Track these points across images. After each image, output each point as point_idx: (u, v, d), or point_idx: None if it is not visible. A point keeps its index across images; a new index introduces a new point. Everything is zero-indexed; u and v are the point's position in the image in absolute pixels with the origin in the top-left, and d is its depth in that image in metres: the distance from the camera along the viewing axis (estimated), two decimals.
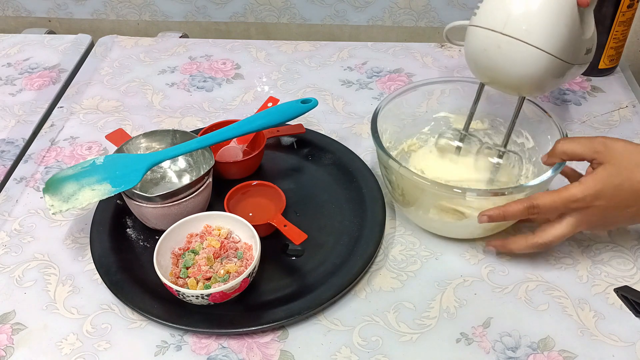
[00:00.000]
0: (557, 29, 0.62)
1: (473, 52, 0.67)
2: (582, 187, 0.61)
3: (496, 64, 0.65)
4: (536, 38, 0.62)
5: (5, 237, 0.75)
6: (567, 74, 0.66)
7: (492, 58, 0.64)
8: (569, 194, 0.61)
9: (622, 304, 0.65)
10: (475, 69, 0.69)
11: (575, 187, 0.61)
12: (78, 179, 0.68)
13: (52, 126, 0.91)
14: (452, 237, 0.72)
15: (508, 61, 0.64)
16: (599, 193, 0.60)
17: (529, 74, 0.64)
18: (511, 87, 0.68)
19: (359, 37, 1.21)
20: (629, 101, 0.93)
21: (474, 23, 0.65)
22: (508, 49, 0.63)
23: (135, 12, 1.22)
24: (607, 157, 0.60)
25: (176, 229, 0.69)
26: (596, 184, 0.60)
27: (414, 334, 0.63)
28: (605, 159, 0.60)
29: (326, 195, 0.78)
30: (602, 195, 0.60)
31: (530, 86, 0.66)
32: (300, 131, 0.85)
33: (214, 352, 0.63)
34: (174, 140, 0.76)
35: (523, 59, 0.63)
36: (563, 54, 0.63)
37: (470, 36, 0.66)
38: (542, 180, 0.64)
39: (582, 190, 0.60)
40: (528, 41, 0.62)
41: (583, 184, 0.61)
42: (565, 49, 0.63)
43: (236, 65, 1.03)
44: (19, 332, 0.64)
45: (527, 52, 0.62)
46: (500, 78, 0.66)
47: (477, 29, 0.65)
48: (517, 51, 0.62)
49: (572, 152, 0.63)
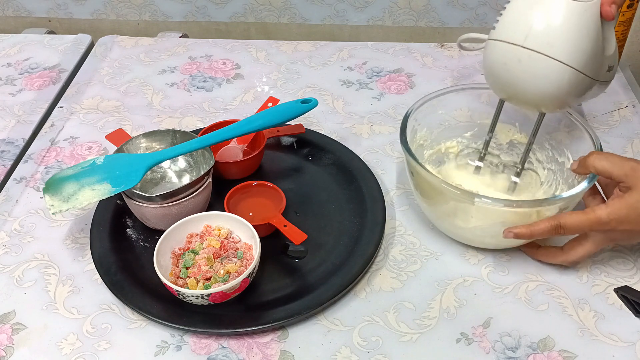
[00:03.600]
0: (580, 42, 0.60)
1: (492, 67, 0.65)
2: (608, 211, 0.61)
3: (517, 79, 0.63)
4: (559, 51, 0.60)
5: (5, 237, 0.75)
6: (589, 91, 0.65)
7: (513, 72, 0.63)
8: (596, 217, 0.61)
9: (622, 304, 0.65)
10: (494, 84, 0.67)
11: (602, 209, 0.61)
12: (78, 179, 0.68)
13: (52, 126, 0.91)
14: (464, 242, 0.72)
15: (529, 76, 0.62)
16: (624, 218, 0.60)
17: (551, 88, 0.62)
18: (531, 102, 0.66)
19: (359, 37, 1.21)
20: (629, 101, 0.93)
21: (493, 37, 0.64)
22: (529, 63, 0.61)
23: (135, 12, 1.22)
24: (635, 183, 0.60)
25: (176, 229, 0.69)
26: (621, 208, 0.60)
27: (414, 334, 0.63)
28: (633, 184, 0.60)
29: (326, 195, 0.78)
30: (627, 221, 0.61)
31: (552, 102, 0.64)
32: (300, 131, 0.85)
33: (214, 352, 0.63)
34: (174, 140, 0.76)
35: (545, 73, 0.61)
36: (586, 68, 0.61)
37: (489, 50, 0.64)
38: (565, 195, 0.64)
39: (608, 214, 0.61)
40: (550, 54, 0.60)
41: (610, 207, 0.61)
42: (588, 64, 0.61)
43: (236, 65, 1.03)
44: (19, 332, 0.64)
45: (549, 66, 0.60)
46: (520, 93, 0.65)
47: (497, 43, 0.63)
48: (538, 65, 0.61)
49: (603, 170, 0.62)
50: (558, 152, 0.75)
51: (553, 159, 0.75)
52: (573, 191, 0.63)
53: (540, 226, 0.63)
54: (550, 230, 0.63)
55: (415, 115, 0.74)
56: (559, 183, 0.73)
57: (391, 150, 0.86)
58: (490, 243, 0.70)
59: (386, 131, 0.89)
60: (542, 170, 0.76)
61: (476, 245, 0.71)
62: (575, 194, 0.63)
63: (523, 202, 0.65)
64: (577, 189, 0.63)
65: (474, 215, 0.66)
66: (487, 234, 0.68)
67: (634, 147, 0.85)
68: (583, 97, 0.66)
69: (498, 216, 0.65)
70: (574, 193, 0.63)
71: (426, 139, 0.77)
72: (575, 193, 0.63)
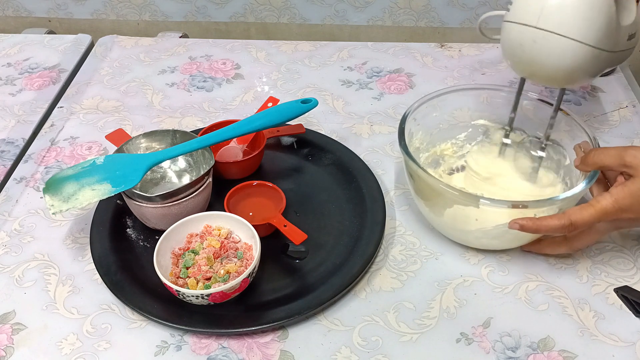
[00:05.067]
0: (593, 18, 0.60)
1: (509, 48, 0.66)
2: (612, 201, 0.61)
3: (533, 59, 0.64)
4: (571, 30, 0.60)
5: (5, 237, 0.75)
6: (609, 62, 0.65)
7: (529, 53, 0.64)
8: (602, 208, 0.61)
9: (622, 304, 0.65)
10: (513, 64, 0.68)
11: (607, 200, 0.61)
12: (78, 179, 0.68)
13: (52, 126, 0.91)
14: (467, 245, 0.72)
15: (545, 55, 0.63)
16: (629, 207, 0.61)
17: (568, 66, 0.63)
18: (551, 80, 0.67)
19: (359, 37, 1.21)
20: (629, 101, 0.93)
21: (508, 19, 0.65)
22: (544, 43, 0.62)
23: (135, 12, 1.22)
24: (637, 171, 0.60)
25: (176, 229, 0.69)
26: (625, 197, 0.60)
27: (414, 334, 0.63)
28: (635, 172, 0.60)
29: (326, 195, 0.78)
30: (631, 209, 0.61)
31: (570, 78, 0.65)
32: (300, 131, 0.85)
33: (214, 352, 0.63)
34: (174, 140, 0.76)
35: (560, 51, 0.62)
36: (600, 43, 0.61)
37: (505, 32, 0.66)
38: (572, 193, 0.63)
39: (613, 205, 0.61)
40: (563, 33, 0.60)
41: (614, 197, 0.61)
42: (603, 38, 0.61)
43: (236, 65, 1.03)
44: (19, 332, 0.64)
45: (563, 45, 0.61)
46: (539, 72, 0.66)
47: (512, 25, 0.64)
48: (553, 44, 0.61)
49: (603, 164, 0.63)
50: (554, 149, 0.75)
51: (548, 156, 0.75)
52: (574, 190, 0.63)
53: (550, 223, 0.62)
54: (560, 228, 0.62)
55: (414, 115, 0.74)
56: (556, 181, 0.74)
57: (391, 150, 0.86)
58: (493, 244, 0.70)
59: (386, 131, 0.89)
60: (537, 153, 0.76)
61: (478, 247, 0.71)
62: (576, 193, 0.63)
63: (528, 203, 0.64)
64: (577, 188, 0.63)
65: (478, 218, 0.66)
66: (490, 236, 0.68)
67: None
68: (605, 66, 0.66)
69: (502, 218, 0.65)
70: (575, 192, 0.63)
71: (422, 142, 0.77)
72: (576, 192, 0.63)
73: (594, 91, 0.95)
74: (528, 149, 0.75)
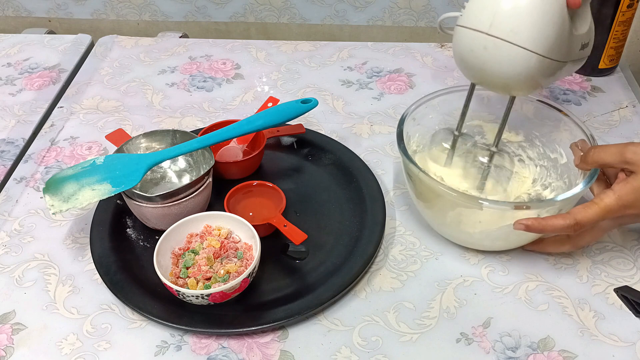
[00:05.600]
0: (545, 28, 0.60)
1: (460, 53, 0.65)
2: (616, 198, 0.61)
3: (484, 65, 0.63)
4: (523, 38, 0.59)
5: (5, 237, 0.75)
6: (560, 72, 0.65)
7: (480, 59, 0.63)
8: (606, 206, 0.61)
9: (622, 304, 0.65)
10: (464, 69, 0.67)
11: (610, 197, 0.61)
12: (78, 179, 0.68)
13: (52, 126, 0.91)
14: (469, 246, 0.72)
15: (495, 62, 0.62)
16: (632, 203, 0.61)
17: (517, 74, 0.62)
18: (500, 87, 0.66)
19: (359, 37, 1.21)
20: (629, 101, 0.93)
21: (460, 23, 0.64)
22: (494, 50, 0.61)
23: (135, 12, 1.22)
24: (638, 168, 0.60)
25: (176, 229, 0.69)
26: (628, 193, 0.60)
27: (414, 334, 0.63)
28: (637, 169, 0.60)
29: (326, 195, 0.78)
30: (635, 205, 0.61)
31: (520, 86, 0.64)
32: (300, 131, 0.85)
33: (214, 352, 0.63)
34: (174, 140, 0.76)
35: (510, 59, 0.61)
36: (552, 52, 0.61)
37: (457, 36, 0.65)
38: (573, 193, 0.63)
39: (617, 202, 0.61)
40: (514, 42, 0.60)
41: (617, 194, 0.61)
42: (555, 48, 0.61)
43: (236, 65, 1.03)
44: (19, 332, 0.64)
45: (514, 53, 0.60)
46: (489, 78, 0.65)
47: (464, 30, 0.63)
48: (504, 52, 0.60)
49: (603, 162, 0.63)
50: (550, 149, 0.75)
51: (545, 155, 0.75)
52: (574, 190, 0.63)
53: (555, 223, 0.62)
54: (566, 228, 0.62)
55: (413, 116, 0.74)
56: (552, 179, 0.74)
57: (391, 150, 0.86)
58: (497, 246, 0.70)
59: (386, 131, 0.89)
60: (534, 167, 0.76)
61: (480, 248, 0.71)
62: (577, 192, 0.63)
63: (530, 204, 0.65)
64: (577, 188, 0.63)
65: (480, 220, 0.66)
66: (493, 237, 0.68)
67: None
68: (554, 77, 0.65)
69: (503, 219, 0.65)
70: (576, 192, 0.63)
71: (419, 145, 0.77)
72: (577, 192, 0.63)
73: (594, 91, 0.95)
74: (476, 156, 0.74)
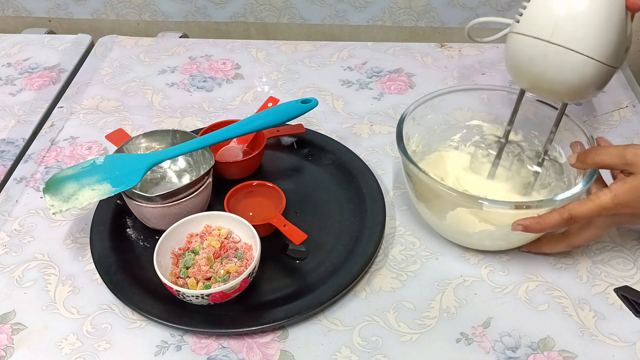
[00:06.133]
0: (607, 35, 0.60)
1: (516, 60, 0.65)
2: (612, 196, 0.61)
3: (542, 73, 0.63)
4: (586, 46, 0.59)
5: (5, 237, 0.75)
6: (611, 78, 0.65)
7: (538, 67, 0.62)
8: (602, 203, 0.61)
9: (622, 304, 0.65)
10: (517, 76, 0.67)
11: (606, 195, 0.61)
12: (78, 179, 0.68)
13: (52, 126, 0.91)
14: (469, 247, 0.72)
15: (555, 70, 0.62)
16: (628, 202, 0.61)
17: (576, 81, 0.62)
18: (555, 94, 0.66)
19: (359, 37, 1.21)
20: (629, 101, 0.93)
21: (517, 30, 0.63)
22: (556, 58, 0.61)
23: (135, 12, 1.22)
24: (638, 169, 0.60)
25: (176, 229, 0.69)
26: (625, 192, 0.61)
27: (414, 334, 0.63)
28: (636, 170, 0.60)
29: (326, 195, 0.78)
30: (631, 205, 0.61)
31: (575, 93, 0.64)
32: (300, 131, 0.85)
33: (214, 352, 0.63)
34: (174, 140, 0.76)
35: (571, 67, 0.61)
36: (610, 59, 0.61)
37: (513, 44, 0.64)
38: (572, 193, 0.63)
39: (612, 200, 0.61)
40: (578, 49, 0.59)
41: (613, 192, 0.61)
42: (612, 55, 0.61)
43: (236, 65, 1.03)
44: (19, 332, 0.64)
45: (576, 61, 0.60)
46: (545, 85, 0.65)
47: (522, 37, 0.63)
48: (565, 60, 0.60)
49: (603, 164, 0.63)
50: (550, 149, 0.75)
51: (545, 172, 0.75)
52: (574, 190, 0.63)
53: (551, 219, 0.63)
54: (561, 223, 0.62)
55: (412, 116, 0.74)
56: (551, 179, 0.74)
57: (391, 150, 0.86)
58: (497, 246, 0.70)
59: (386, 131, 0.89)
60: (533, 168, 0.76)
61: (480, 248, 0.71)
62: (576, 192, 0.63)
63: (530, 203, 0.65)
64: (576, 188, 0.63)
65: (479, 220, 0.66)
66: (493, 238, 0.68)
67: None
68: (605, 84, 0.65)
69: (504, 219, 0.65)
70: (575, 192, 0.63)
71: (418, 145, 0.77)
72: (576, 192, 0.63)
73: None
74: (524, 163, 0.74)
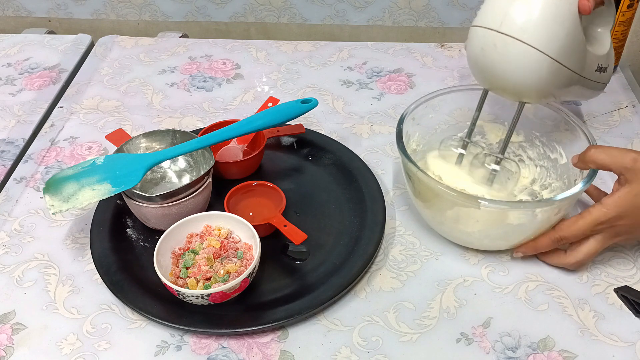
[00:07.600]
0: (555, 30, 0.60)
1: (471, 53, 0.66)
2: (604, 210, 0.61)
3: (494, 65, 0.63)
4: (532, 37, 0.60)
5: (5, 237, 0.75)
6: (574, 87, 0.65)
7: (490, 58, 0.63)
8: (593, 219, 0.62)
9: (622, 304, 0.65)
10: (475, 71, 0.68)
11: (597, 210, 0.61)
12: (78, 179, 0.68)
13: (52, 126, 0.91)
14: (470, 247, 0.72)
15: (506, 61, 0.62)
16: (622, 214, 0.61)
17: (528, 76, 0.62)
18: (512, 91, 0.66)
19: (359, 37, 1.22)
20: (629, 101, 0.93)
21: (473, 23, 0.65)
22: (504, 48, 0.61)
23: (135, 12, 1.22)
24: (634, 176, 0.60)
25: (176, 229, 0.69)
26: (617, 205, 0.60)
27: (414, 334, 0.63)
28: (632, 178, 0.60)
29: (326, 195, 0.78)
30: (625, 216, 0.61)
31: (531, 91, 0.64)
32: (300, 131, 0.85)
33: (214, 352, 0.63)
34: (174, 140, 0.76)
35: (520, 59, 0.61)
36: (562, 57, 0.61)
37: (470, 36, 0.66)
38: (571, 193, 0.63)
39: (604, 214, 0.61)
40: (524, 40, 0.60)
41: (604, 206, 0.61)
42: (565, 53, 0.61)
43: (236, 65, 1.03)
44: (19, 332, 0.64)
45: (524, 52, 0.60)
46: (499, 81, 0.65)
47: (476, 29, 0.64)
48: (513, 51, 0.61)
49: (602, 163, 0.62)
50: (550, 148, 0.75)
51: (545, 155, 0.76)
52: (573, 190, 0.63)
53: (543, 242, 0.66)
54: (553, 244, 0.66)
55: (412, 115, 0.74)
56: (552, 180, 0.74)
57: (391, 150, 0.86)
58: (497, 245, 0.70)
59: (386, 131, 0.89)
60: (534, 168, 0.76)
61: (480, 248, 0.71)
62: (575, 192, 0.63)
63: (528, 204, 0.65)
64: (575, 188, 0.63)
65: (478, 219, 0.66)
66: (491, 237, 0.68)
67: (634, 147, 0.85)
68: (567, 91, 0.66)
69: (502, 218, 0.65)
70: (574, 192, 0.63)
71: (419, 144, 0.77)
72: (575, 192, 0.63)
73: None
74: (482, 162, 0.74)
